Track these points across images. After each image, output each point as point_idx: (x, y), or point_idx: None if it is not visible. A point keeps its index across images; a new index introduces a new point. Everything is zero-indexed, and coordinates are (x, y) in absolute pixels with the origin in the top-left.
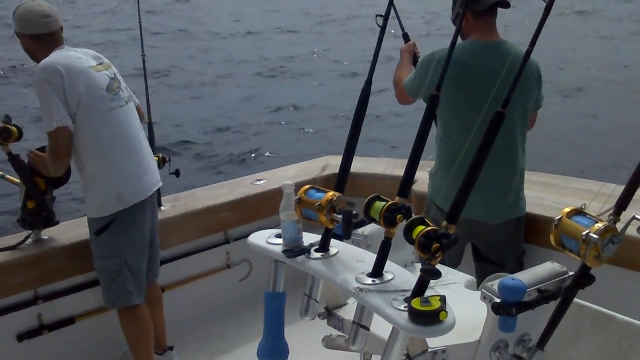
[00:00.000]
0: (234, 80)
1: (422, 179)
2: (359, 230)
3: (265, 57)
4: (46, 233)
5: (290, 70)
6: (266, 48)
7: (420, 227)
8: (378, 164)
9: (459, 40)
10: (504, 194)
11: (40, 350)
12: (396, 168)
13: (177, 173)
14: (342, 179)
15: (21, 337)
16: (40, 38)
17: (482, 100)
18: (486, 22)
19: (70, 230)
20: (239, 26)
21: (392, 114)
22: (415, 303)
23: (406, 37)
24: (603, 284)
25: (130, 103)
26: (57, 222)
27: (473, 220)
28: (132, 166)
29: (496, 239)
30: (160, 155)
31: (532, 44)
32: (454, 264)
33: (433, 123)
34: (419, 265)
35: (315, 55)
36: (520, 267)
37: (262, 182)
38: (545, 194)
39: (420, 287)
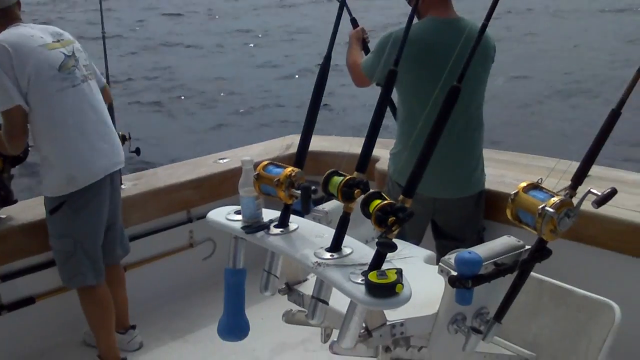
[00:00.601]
0: None
1: (385, 157)
2: (320, 207)
3: None
4: (4, 212)
5: None
6: None
7: (377, 201)
8: (344, 142)
9: (416, 20)
10: (463, 170)
11: (0, 330)
12: (356, 146)
13: (137, 151)
14: (301, 155)
15: None
16: None
17: (438, 75)
18: (443, 1)
19: (29, 209)
20: None
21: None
22: (372, 276)
23: (354, 22)
24: (561, 259)
25: (89, 82)
26: (16, 201)
27: (435, 198)
28: (85, 147)
29: (457, 215)
30: (121, 132)
31: (487, 18)
32: (415, 242)
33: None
34: None
35: None
36: (480, 242)
37: (225, 160)
38: (506, 172)
39: (377, 261)
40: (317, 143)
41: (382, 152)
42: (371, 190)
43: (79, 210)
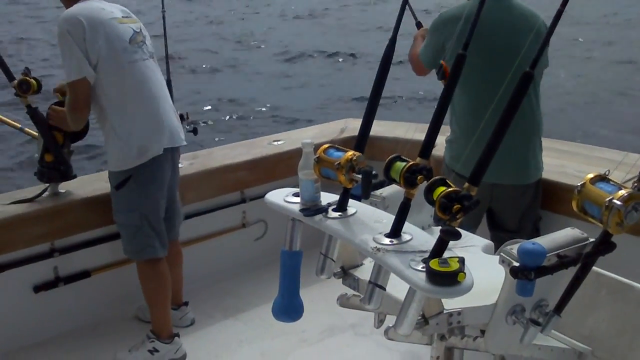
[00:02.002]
0: None
1: (442, 143)
2: (377, 192)
3: None
4: (63, 187)
5: None
6: None
7: (442, 188)
8: (397, 127)
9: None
10: (522, 156)
11: (56, 302)
12: (416, 132)
13: (194, 131)
14: (362, 139)
15: (37, 288)
16: None
17: (496, 55)
18: None
19: (87, 184)
20: None
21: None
22: (434, 264)
23: (419, 26)
24: (622, 254)
25: (154, 59)
26: (75, 176)
27: (493, 184)
28: (155, 119)
29: (515, 203)
30: (179, 112)
31: (564, 3)
32: (471, 228)
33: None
34: (436, 229)
35: None
36: (536, 233)
37: (279, 142)
38: (567, 162)
39: (439, 248)
40: (373, 128)
41: (440, 138)
42: (436, 177)
43: (145, 184)
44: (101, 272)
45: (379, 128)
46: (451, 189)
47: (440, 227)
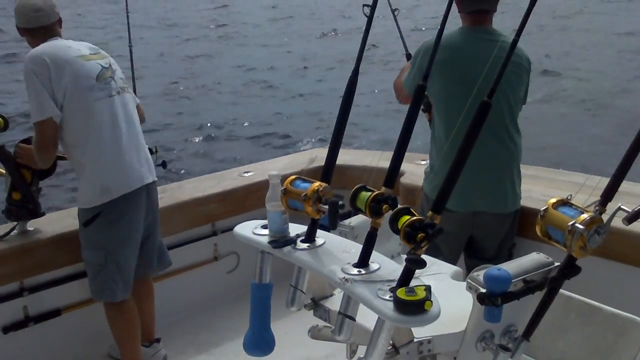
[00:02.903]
0: None
1: (410, 171)
2: (346, 222)
3: None
4: (32, 224)
5: None
6: None
7: (406, 217)
8: (366, 156)
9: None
10: (508, 184)
11: (26, 342)
12: (383, 160)
13: (164, 165)
14: (328, 170)
15: (6, 329)
16: (31, 31)
17: (471, 85)
18: (477, 14)
19: (56, 222)
20: None
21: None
22: (401, 293)
23: (409, 57)
24: (589, 276)
25: (124, 95)
26: (43, 214)
27: (477, 212)
28: (118, 158)
29: (498, 231)
30: (148, 146)
31: (519, 33)
32: (452, 260)
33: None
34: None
35: None
36: (510, 259)
37: (249, 174)
38: (533, 187)
39: (406, 277)
40: (341, 157)
41: (407, 166)
42: (400, 206)
43: (113, 222)
44: (72, 310)
45: (347, 157)
46: (415, 217)
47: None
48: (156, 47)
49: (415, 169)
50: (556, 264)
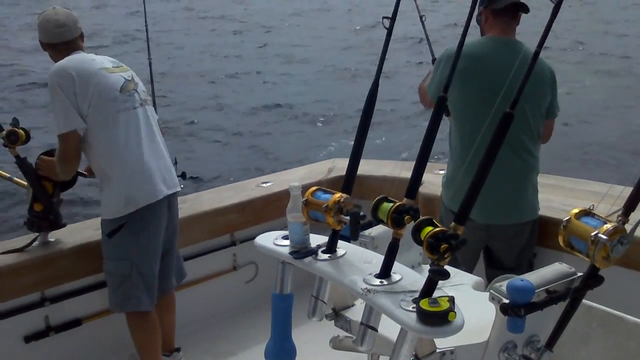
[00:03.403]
0: None
1: (429, 181)
2: (366, 232)
3: None
4: (53, 235)
5: None
6: None
7: (429, 228)
8: (384, 166)
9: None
10: (519, 197)
11: (47, 351)
12: (403, 170)
13: (183, 175)
14: (349, 181)
15: (28, 338)
16: (54, 46)
17: (490, 95)
18: (504, 22)
19: (77, 232)
20: None
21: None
22: (424, 304)
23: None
24: (612, 286)
25: (146, 106)
26: (64, 225)
27: (489, 224)
28: (143, 169)
29: (514, 241)
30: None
31: (540, 45)
32: (468, 269)
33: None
34: (426, 267)
35: None
36: (530, 269)
37: (268, 184)
38: (553, 196)
39: (429, 288)
40: (360, 167)
41: (426, 176)
42: (422, 217)
43: (137, 232)
44: (92, 320)
45: (366, 167)
46: (438, 228)
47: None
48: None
49: (434, 179)
50: (579, 274)
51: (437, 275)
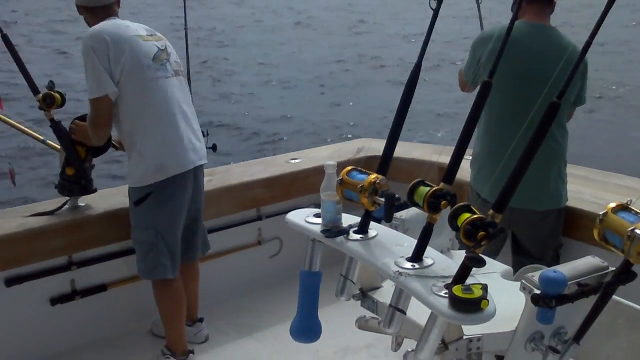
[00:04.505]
0: None
1: (461, 167)
2: (398, 215)
3: None
4: (83, 200)
5: None
6: None
7: (467, 215)
8: (415, 148)
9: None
10: (545, 182)
11: (72, 315)
12: (434, 154)
13: (214, 147)
14: (385, 162)
15: (54, 301)
16: (91, 10)
17: (524, 79)
18: (538, 7)
19: (107, 198)
20: None
21: None
22: (457, 290)
23: None
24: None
25: (179, 77)
26: (95, 190)
27: (513, 209)
28: (174, 137)
29: (537, 229)
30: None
31: (592, 36)
32: (493, 254)
33: None
34: (456, 252)
35: None
36: (557, 260)
37: (296, 161)
38: (584, 188)
39: (462, 274)
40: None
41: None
42: (460, 203)
43: (164, 201)
44: (117, 286)
45: (397, 149)
46: (476, 215)
47: (460, 251)
48: None
49: (465, 165)
50: (611, 268)
51: (473, 262)
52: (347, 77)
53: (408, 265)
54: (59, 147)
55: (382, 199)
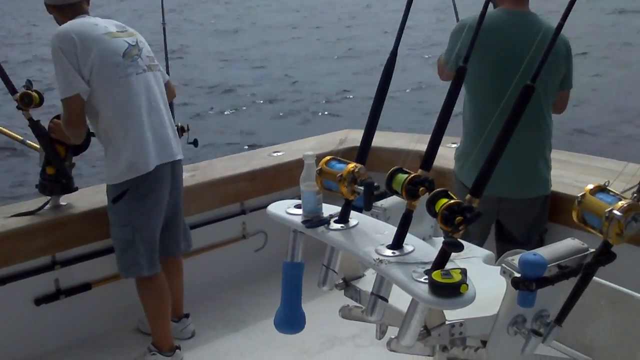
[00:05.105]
0: None
1: (442, 155)
2: (379, 203)
3: None
4: (65, 199)
5: None
6: None
7: (444, 200)
8: (397, 138)
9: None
10: (531, 170)
11: (57, 314)
12: (414, 143)
13: (195, 143)
14: (363, 151)
15: (38, 301)
16: (60, 8)
17: (506, 67)
18: None
19: (88, 197)
20: None
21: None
22: (436, 275)
23: None
24: (622, 263)
25: (152, 72)
26: (76, 189)
27: (502, 198)
28: (147, 134)
29: (524, 217)
30: (179, 124)
31: (564, 18)
32: (479, 243)
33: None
34: (437, 239)
35: None
36: (541, 244)
37: (279, 154)
38: (565, 172)
39: (442, 260)
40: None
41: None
42: (437, 189)
43: (140, 198)
44: (102, 285)
45: (378, 139)
46: (453, 200)
47: (442, 238)
48: None
49: (447, 152)
50: (591, 250)
51: (451, 247)
52: None
53: (388, 252)
54: (38, 146)
55: (362, 188)
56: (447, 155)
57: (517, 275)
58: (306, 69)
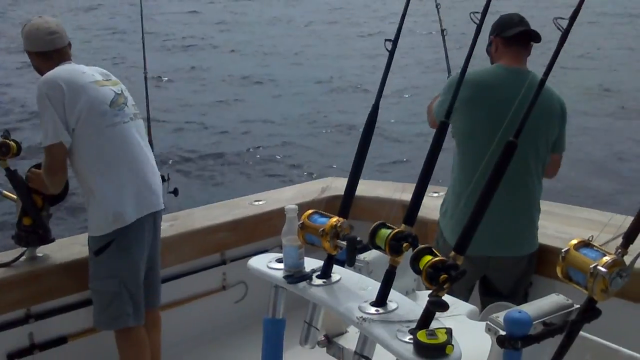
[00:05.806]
0: None
1: (423, 204)
2: (361, 257)
3: None
4: (41, 250)
5: None
6: None
7: (428, 257)
8: (379, 187)
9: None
10: (518, 229)
11: None
12: (397, 192)
13: (175, 192)
14: (346, 204)
15: (11, 356)
16: (46, 55)
17: (497, 125)
18: (515, 51)
19: (65, 248)
20: None
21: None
22: (421, 335)
23: None
24: (607, 317)
25: (137, 120)
26: (53, 240)
27: (489, 257)
28: (132, 183)
29: (513, 272)
30: (159, 173)
31: (547, 73)
32: (464, 298)
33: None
34: (420, 293)
35: None
36: (526, 297)
37: (260, 202)
38: (548, 223)
39: (426, 319)
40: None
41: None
42: (421, 246)
43: (126, 249)
44: (78, 338)
45: (361, 187)
46: (437, 258)
47: (425, 292)
48: None
49: (428, 202)
50: (576, 305)
51: (436, 306)
52: None
53: (372, 310)
54: (15, 196)
55: (344, 243)
56: (429, 205)
57: (503, 333)
58: None
